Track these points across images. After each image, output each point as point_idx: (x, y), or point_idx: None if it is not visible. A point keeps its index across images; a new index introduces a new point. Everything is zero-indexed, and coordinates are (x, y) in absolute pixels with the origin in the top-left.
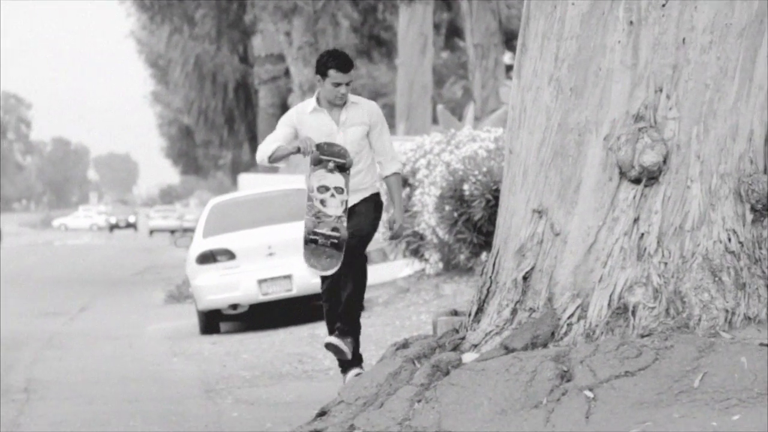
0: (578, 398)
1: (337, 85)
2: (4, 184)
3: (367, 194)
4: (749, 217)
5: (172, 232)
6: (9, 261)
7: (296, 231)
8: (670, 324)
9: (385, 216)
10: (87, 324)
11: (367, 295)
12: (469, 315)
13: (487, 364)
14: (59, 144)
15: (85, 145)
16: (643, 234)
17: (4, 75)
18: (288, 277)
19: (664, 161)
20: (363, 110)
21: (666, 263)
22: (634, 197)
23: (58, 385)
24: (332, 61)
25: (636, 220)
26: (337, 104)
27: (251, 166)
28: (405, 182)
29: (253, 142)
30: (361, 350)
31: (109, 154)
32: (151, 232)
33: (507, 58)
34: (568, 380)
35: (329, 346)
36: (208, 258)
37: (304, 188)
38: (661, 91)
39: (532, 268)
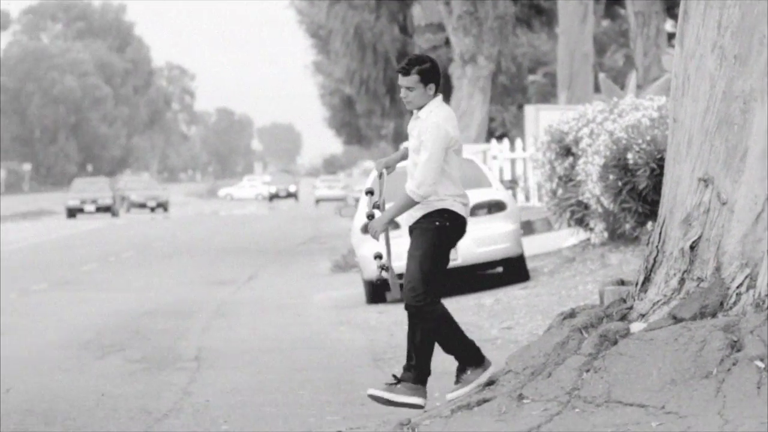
0: (749, 368)
1: (401, 87)
2: (170, 155)
3: (421, 213)
4: None
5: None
6: (177, 230)
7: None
8: None
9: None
10: (255, 293)
11: (532, 265)
12: (636, 284)
13: (656, 333)
14: (223, 114)
15: (249, 115)
16: None
17: (169, 46)
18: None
19: None
20: (419, 125)
21: None
22: None
23: (227, 353)
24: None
25: None
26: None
27: None
28: (568, 151)
29: None
30: (528, 319)
31: (273, 124)
32: (318, 201)
33: (669, 25)
34: (738, 350)
35: (371, 397)
36: None
37: (472, 158)
38: None
39: (699, 237)
